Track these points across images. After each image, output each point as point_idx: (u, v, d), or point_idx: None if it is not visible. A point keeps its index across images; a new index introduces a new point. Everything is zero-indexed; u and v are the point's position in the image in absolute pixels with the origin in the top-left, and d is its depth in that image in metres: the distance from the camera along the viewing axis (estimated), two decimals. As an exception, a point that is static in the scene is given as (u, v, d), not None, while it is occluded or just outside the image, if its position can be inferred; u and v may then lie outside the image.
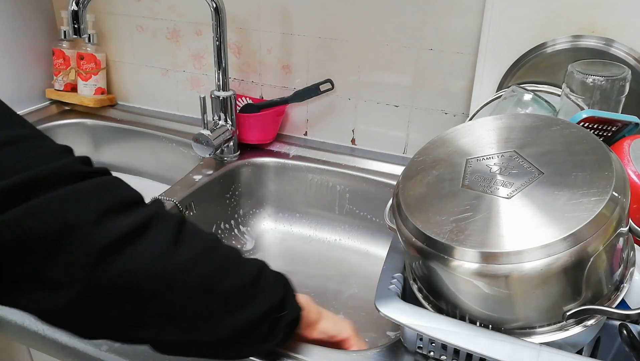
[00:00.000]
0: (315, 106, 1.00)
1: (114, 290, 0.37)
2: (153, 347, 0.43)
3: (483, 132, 0.55)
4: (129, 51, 1.12)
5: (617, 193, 0.43)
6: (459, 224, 0.45)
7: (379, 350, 0.54)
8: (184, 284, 0.40)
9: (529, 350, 0.44)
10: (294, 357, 0.53)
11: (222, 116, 0.95)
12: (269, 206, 0.99)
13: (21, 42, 1.09)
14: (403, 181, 0.53)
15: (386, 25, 0.89)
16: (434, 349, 0.52)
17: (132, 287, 0.37)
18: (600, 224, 0.42)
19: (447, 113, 0.91)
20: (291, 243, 0.96)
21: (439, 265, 0.45)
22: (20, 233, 0.33)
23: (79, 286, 0.35)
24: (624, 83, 0.66)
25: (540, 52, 0.77)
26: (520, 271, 0.42)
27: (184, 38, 1.05)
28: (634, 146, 0.58)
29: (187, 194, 0.84)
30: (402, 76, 0.91)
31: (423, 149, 0.56)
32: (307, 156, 0.97)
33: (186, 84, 1.10)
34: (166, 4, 1.04)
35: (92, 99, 1.12)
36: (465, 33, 0.84)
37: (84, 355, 0.54)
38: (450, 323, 0.47)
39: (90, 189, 0.37)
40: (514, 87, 0.74)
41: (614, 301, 0.47)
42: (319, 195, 0.95)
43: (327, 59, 0.95)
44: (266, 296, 0.46)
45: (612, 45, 0.73)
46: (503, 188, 0.47)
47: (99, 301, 0.37)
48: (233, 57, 1.02)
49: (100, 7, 1.09)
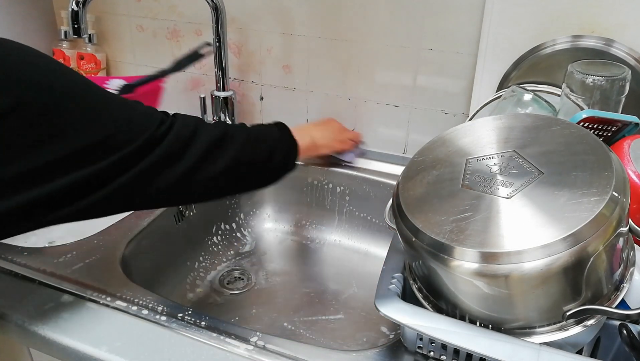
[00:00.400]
0: (316, 106, 1.00)
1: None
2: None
3: (483, 132, 0.55)
4: (129, 51, 1.12)
5: (617, 193, 0.43)
6: (459, 224, 0.45)
7: (379, 350, 0.54)
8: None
9: (529, 350, 0.44)
10: (294, 357, 0.53)
11: (222, 116, 0.95)
12: (269, 206, 0.99)
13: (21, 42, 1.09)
14: (403, 181, 0.53)
15: (386, 25, 0.89)
16: (434, 349, 0.52)
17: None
18: (600, 224, 0.42)
19: (447, 113, 0.91)
20: (291, 243, 0.96)
21: (439, 265, 0.45)
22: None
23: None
24: (624, 83, 0.66)
25: (540, 52, 0.77)
26: (520, 271, 0.42)
27: (184, 38, 1.05)
28: (634, 146, 0.58)
29: (187, 194, 0.84)
30: (402, 76, 0.91)
31: (423, 149, 0.56)
32: (307, 156, 0.97)
33: (186, 84, 1.10)
34: (166, 4, 1.04)
35: (92, 99, 1.12)
36: (465, 33, 0.84)
37: (84, 355, 0.54)
38: (450, 323, 0.47)
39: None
40: (514, 87, 0.74)
41: (614, 301, 0.47)
42: (319, 195, 0.95)
43: (327, 59, 0.95)
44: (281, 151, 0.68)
45: (612, 45, 0.73)
46: (503, 187, 0.47)
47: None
48: (233, 57, 1.02)
49: (100, 7, 1.09)
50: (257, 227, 0.98)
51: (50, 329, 0.56)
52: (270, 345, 0.55)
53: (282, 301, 0.81)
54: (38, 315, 0.58)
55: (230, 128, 0.61)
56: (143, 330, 0.56)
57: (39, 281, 0.63)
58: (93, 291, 0.61)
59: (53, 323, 0.57)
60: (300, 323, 0.77)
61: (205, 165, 0.56)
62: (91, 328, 0.56)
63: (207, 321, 0.58)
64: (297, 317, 0.78)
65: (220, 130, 0.59)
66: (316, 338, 0.74)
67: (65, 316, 0.58)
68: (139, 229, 0.74)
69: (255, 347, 0.54)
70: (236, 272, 0.88)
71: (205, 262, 0.88)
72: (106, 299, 0.60)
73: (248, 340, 0.55)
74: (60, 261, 0.66)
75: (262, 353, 0.54)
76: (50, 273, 0.64)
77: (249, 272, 0.88)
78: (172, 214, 0.81)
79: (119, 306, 0.59)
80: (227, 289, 0.83)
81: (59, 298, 0.60)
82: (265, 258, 0.92)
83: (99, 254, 0.68)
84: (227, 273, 0.87)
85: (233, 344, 0.55)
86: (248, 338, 0.55)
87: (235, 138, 0.60)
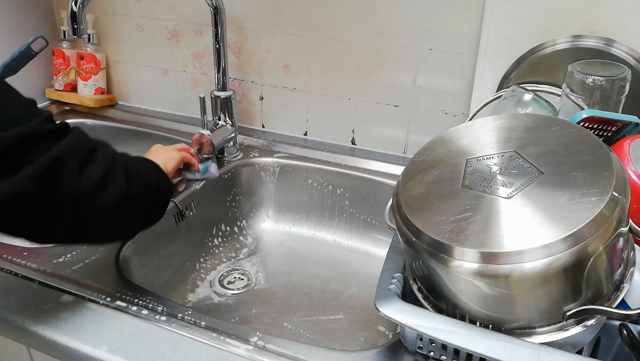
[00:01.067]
0: (316, 106, 1.00)
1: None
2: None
3: (483, 132, 0.55)
4: (129, 51, 1.12)
5: (617, 193, 0.43)
6: (459, 224, 0.45)
7: (379, 350, 0.54)
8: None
9: (529, 350, 0.44)
10: (294, 357, 0.53)
11: (221, 116, 0.95)
12: (269, 206, 0.99)
13: (21, 42, 1.08)
14: (403, 181, 0.53)
15: (386, 25, 0.89)
16: (434, 349, 0.52)
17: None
18: (600, 224, 0.42)
19: (447, 113, 0.91)
20: (291, 243, 0.96)
21: (439, 265, 0.45)
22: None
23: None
24: (624, 83, 0.66)
25: (540, 52, 0.77)
26: (520, 271, 0.42)
27: (184, 38, 1.05)
28: (634, 146, 0.58)
29: (187, 194, 0.85)
30: (402, 76, 0.91)
31: (423, 149, 0.56)
32: (307, 156, 0.97)
33: (186, 84, 1.10)
34: (166, 4, 1.04)
35: (92, 99, 1.12)
36: (465, 33, 0.84)
37: (84, 355, 0.54)
38: (450, 323, 0.47)
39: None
40: (514, 87, 0.74)
41: (614, 301, 0.47)
42: (319, 195, 0.95)
43: (327, 59, 0.95)
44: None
45: (612, 45, 0.73)
46: (503, 187, 0.47)
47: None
48: (233, 57, 1.02)
49: (100, 7, 1.09)
50: (257, 227, 0.98)
51: (50, 329, 0.56)
52: (270, 345, 0.55)
53: (282, 301, 0.81)
54: (38, 315, 0.57)
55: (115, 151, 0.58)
56: (143, 330, 0.56)
57: (39, 281, 0.63)
58: (93, 291, 0.61)
59: (53, 323, 0.57)
60: (300, 323, 0.77)
61: (107, 187, 0.52)
62: (91, 328, 0.56)
63: (207, 321, 0.58)
64: (297, 317, 0.78)
65: (122, 155, 0.57)
66: (316, 338, 0.74)
67: (65, 316, 0.58)
68: (139, 229, 0.74)
69: (255, 347, 0.54)
70: (236, 272, 0.88)
71: (206, 262, 0.88)
72: (106, 299, 0.60)
73: (248, 340, 0.55)
74: (60, 261, 0.66)
75: (262, 353, 0.54)
76: (50, 273, 0.64)
77: (249, 272, 0.88)
78: (172, 215, 0.81)
79: (119, 306, 0.59)
80: (227, 290, 0.83)
81: (58, 298, 0.60)
82: (265, 258, 0.92)
83: (99, 254, 0.68)
84: (227, 273, 0.87)
85: (233, 344, 0.55)
86: (248, 338, 0.55)
87: (129, 160, 0.58)
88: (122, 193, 0.53)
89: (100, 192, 0.51)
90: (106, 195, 0.51)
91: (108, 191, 0.51)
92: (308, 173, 0.95)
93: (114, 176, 0.53)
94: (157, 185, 0.61)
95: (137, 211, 0.57)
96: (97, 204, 0.51)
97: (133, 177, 0.55)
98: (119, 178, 0.53)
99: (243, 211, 0.97)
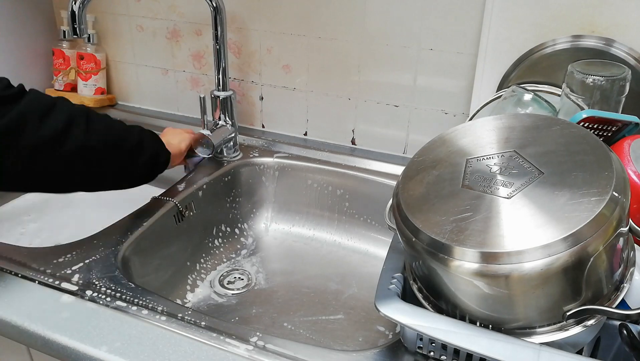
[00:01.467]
0: (316, 106, 1.00)
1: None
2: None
3: (483, 132, 0.55)
4: (129, 51, 1.12)
5: (617, 193, 0.43)
6: (459, 224, 0.45)
7: (379, 350, 0.54)
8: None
9: (529, 350, 0.44)
10: (294, 357, 0.53)
11: (222, 116, 0.95)
12: (269, 206, 0.99)
13: (21, 42, 1.09)
14: (403, 181, 0.53)
15: (386, 25, 0.89)
16: (434, 349, 0.52)
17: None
18: (600, 224, 0.42)
19: (447, 113, 0.91)
20: (291, 243, 0.96)
21: (439, 265, 0.45)
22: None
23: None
24: (624, 83, 0.66)
25: (540, 52, 0.77)
26: (520, 271, 0.42)
27: (184, 38, 1.05)
28: (634, 146, 0.58)
29: (187, 194, 0.85)
30: (402, 76, 0.92)
31: (423, 149, 0.56)
32: (307, 156, 0.97)
33: (186, 84, 1.10)
34: (166, 4, 1.04)
35: (92, 99, 1.12)
36: (465, 33, 0.84)
37: (84, 355, 0.54)
38: (450, 323, 0.47)
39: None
40: (514, 87, 0.74)
41: (614, 301, 0.47)
42: (319, 195, 0.95)
43: (327, 59, 0.95)
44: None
45: (612, 45, 0.73)
46: (503, 187, 0.47)
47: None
48: (233, 57, 1.02)
49: (100, 7, 1.09)
50: (257, 227, 0.98)
51: (50, 329, 0.56)
52: (270, 345, 0.55)
53: (282, 301, 0.81)
54: (38, 315, 0.58)
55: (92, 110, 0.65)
56: (143, 330, 0.56)
57: (39, 281, 0.63)
58: (93, 291, 0.61)
59: (53, 323, 0.57)
60: (300, 323, 0.77)
61: (69, 135, 0.59)
62: (91, 328, 0.56)
63: (207, 322, 0.58)
64: (297, 317, 0.78)
65: (83, 108, 0.63)
66: (316, 338, 0.74)
67: (65, 316, 0.58)
68: (138, 229, 0.74)
69: (255, 347, 0.54)
70: (236, 272, 0.88)
71: (206, 262, 0.88)
72: (106, 299, 0.60)
73: (248, 340, 0.55)
74: (60, 261, 0.66)
75: (262, 353, 0.54)
76: (50, 273, 0.64)
77: (249, 272, 0.88)
78: (172, 215, 0.81)
79: (119, 306, 0.59)
80: (227, 290, 0.83)
81: (59, 298, 0.60)
82: (265, 258, 0.92)
83: (99, 254, 0.68)
84: (227, 273, 0.87)
85: (233, 344, 0.55)
86: (248, 338, 0.55)
87: (100, 117, 0.64)
88: (79, 141, 0.60)
89: (60, 140, 0.58)
90: (65, 144, 0.58)
91: (68, 139, 0.59)
92: (308, 173, 0.95)
93: (73, 126, 0.60)
94: (138, 145, 0.69)
95: (104, 162, 0.64)
96: (59, 152, 0.58)
97: (94, 127, 0.62)
98: (78, 128, 0.60)
99: (243, 211, 0.97)
